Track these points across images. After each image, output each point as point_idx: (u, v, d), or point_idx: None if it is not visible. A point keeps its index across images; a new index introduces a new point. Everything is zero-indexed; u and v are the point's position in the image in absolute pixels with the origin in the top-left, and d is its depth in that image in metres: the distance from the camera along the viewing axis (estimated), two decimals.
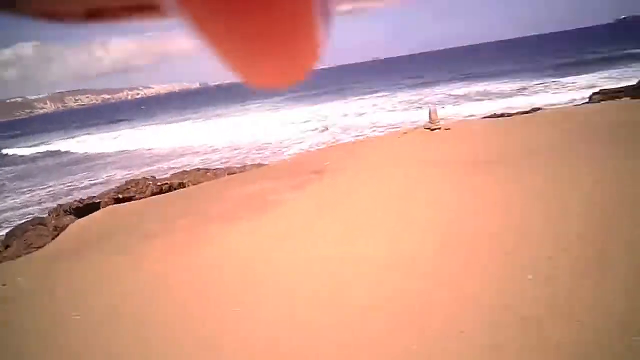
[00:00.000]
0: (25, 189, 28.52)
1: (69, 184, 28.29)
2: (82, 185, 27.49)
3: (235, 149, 30.56)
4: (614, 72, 36.74)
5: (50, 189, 27.95)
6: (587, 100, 25.50)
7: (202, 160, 28.54)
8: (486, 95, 36.72)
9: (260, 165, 16.90)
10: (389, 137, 14.37)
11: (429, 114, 13.00)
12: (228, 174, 14.90)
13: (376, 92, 57.29)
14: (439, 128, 12.74)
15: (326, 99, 58.89)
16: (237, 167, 16.30)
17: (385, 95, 50.50)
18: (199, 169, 16.77)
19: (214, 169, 16.54)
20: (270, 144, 30.30)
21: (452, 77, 58.93)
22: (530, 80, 41.71)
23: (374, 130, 27.86)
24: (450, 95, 41.06)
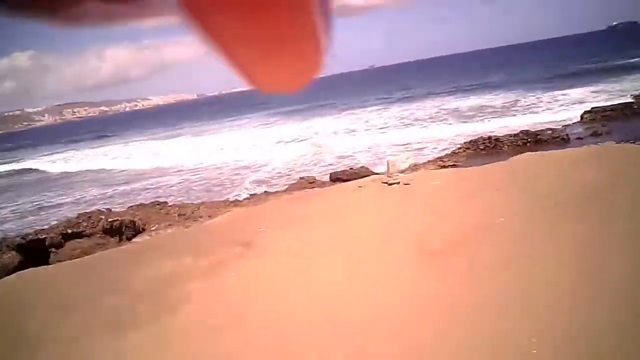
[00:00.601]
0: None
1: (38, 202, 27.98)
2: (51, 204, 27.14)
3: (218, 169, 29.94)
4: (606, 86, 36.17)
5: (18, 206, 27.69)
6: (579, 119, 25.21)
7: (180, 181, 28.08)
8: (478, 110, 35.96)
9: (217, 205, 16.19)
10: (343, 191, 12.98)
11: (387, 166, 11.99)
12: (179, 215, 14.47)
13: (368, 106, 56.85)
14: (398, 183, 11.77)
15: (318, 113, 58.41)
16: (193, 205, 15.85)
17: (377, 110, 49.88)
18: (155, 203, 16.63)
19: (169, 205, 16.34)
20: (255, 163, 29.62)
21: (444, 90, 58.27)
22: (525, 93, 41.10)
23: (359, 152, 27.30)
24: (441, 109, 40.32)
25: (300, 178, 17.74)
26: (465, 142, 22.17)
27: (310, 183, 16.32)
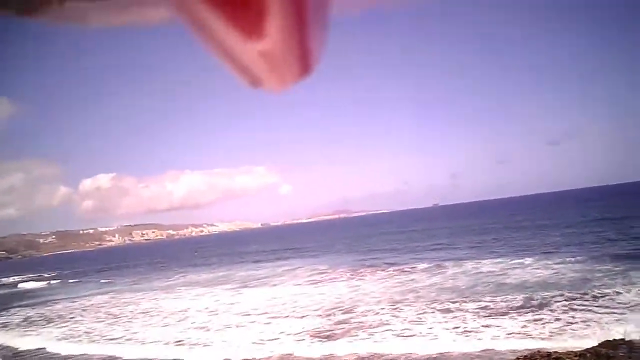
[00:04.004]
0: None
1: None
2: None
3: None
4: None
5: None
6: None
7: None
8: (536, 291, 31.39)
9: None
10: None
11: None
12: None
13: (419, 262, 53.38)
14: None
15: (369, 266, 55.44)
16: None
17: (427, 270, 46.27)
18: None
19: None
20: None
21: (501, 249, 53.44)
22: (592, 268, 36.45)
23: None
24: (495, 282, 36.00)
25: None
26: (519, 358, 18.36)
27: None
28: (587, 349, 17.86)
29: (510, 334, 23.00)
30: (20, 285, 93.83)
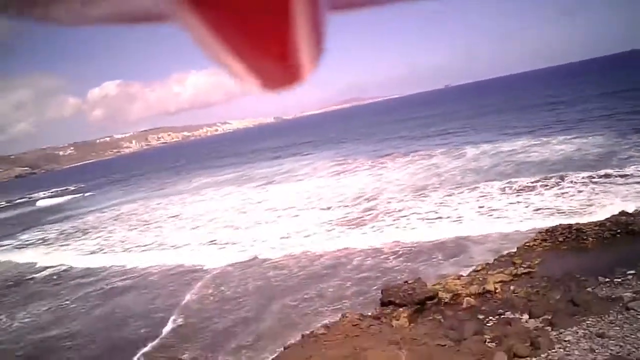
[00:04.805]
0: None
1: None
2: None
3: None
4: None
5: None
6: None
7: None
8: (560, 163, 31.46)
9: None
10: None
11: None
12: None
13: (436, 147, 53.44)
14: None
15: (387, 154, 55.73)
16: None
17: (447, 152, 46.38)
18: None
19: None
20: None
21: (522, 128, 52.57)
22: (619, 143, 35.86)
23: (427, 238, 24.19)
24: (517, 159, 35.89)
25: (344, 316, 14.21)
26: (541, 232, 18.88)
27: (354, 326, 13.05)
28: (607, 219, 18.25)
29: (538, 209, 23.50)
30: (49, 201, 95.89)
